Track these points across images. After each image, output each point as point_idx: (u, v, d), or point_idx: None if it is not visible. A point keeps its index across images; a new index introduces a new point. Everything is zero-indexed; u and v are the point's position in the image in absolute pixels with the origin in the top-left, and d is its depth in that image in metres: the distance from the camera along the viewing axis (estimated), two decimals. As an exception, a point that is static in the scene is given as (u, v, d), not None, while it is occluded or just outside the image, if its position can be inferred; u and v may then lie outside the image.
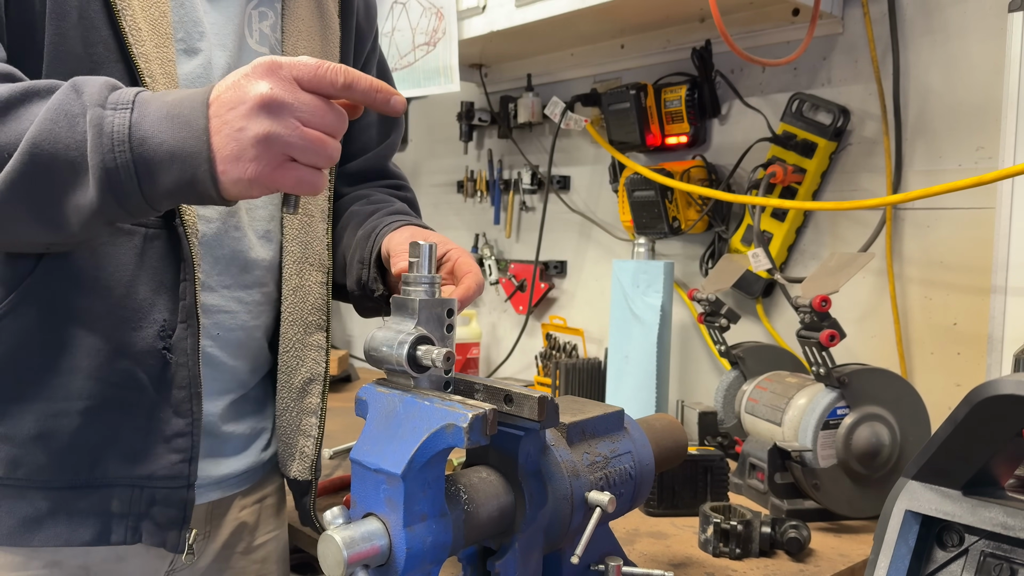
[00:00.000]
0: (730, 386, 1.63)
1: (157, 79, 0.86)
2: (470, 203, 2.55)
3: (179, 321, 0.90)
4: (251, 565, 1.10)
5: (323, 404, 1.07)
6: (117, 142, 0.70)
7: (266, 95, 0.68)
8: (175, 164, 0.70)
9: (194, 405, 0.91)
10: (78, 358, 0.85)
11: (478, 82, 2.38)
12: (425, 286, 0.76)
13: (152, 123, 0.70)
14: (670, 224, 1.85)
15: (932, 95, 1.57)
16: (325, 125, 0.71)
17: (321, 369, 1.07)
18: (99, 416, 0.87)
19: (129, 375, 0.88)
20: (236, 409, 1.04)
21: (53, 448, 0.85)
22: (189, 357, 0.90)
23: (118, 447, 0.88)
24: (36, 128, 0.70)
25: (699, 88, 1.86)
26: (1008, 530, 0.65)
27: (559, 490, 0.81)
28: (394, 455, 0.69)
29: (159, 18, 0.87)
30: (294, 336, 1.06)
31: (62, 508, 0.87)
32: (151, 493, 0.89)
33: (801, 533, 1.16)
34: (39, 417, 0.85)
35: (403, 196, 1.24)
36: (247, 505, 1.09)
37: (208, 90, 0.71)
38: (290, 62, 0.70)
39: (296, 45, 1.03)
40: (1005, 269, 1.32)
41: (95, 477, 0.87)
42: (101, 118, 0.70)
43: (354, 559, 0.66)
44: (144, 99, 0.72)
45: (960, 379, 1.53)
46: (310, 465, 1.06)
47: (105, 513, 0.88)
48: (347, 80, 0.71)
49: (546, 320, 2.30)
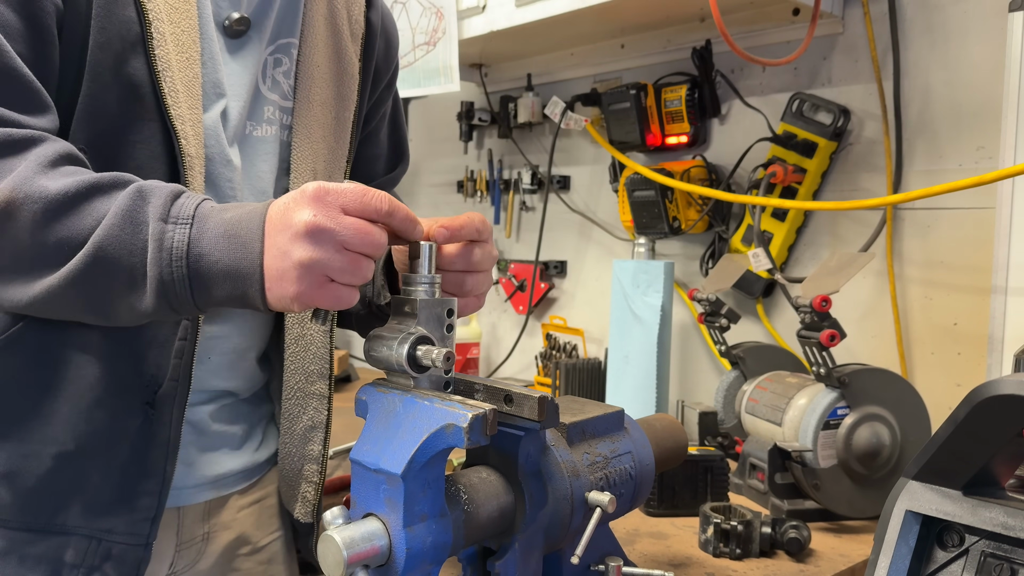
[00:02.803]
0: (730, 386, 1.63)
1: (189, 139, 0.88)
2: (470, 203, 2.54)
3: (169, 378, 0.89)
4: (257, 567, 1.10)
5: (325, 451, 1.07)
6: (176, 258, 0.74)
7: (311, 223, 0.71)
8: (228, 281, 0.75)
9: (167, 465, 0.90)
10: (59, 403, 0.85)
11: (478, 82, 2.38)
12: (425, 286, 0.76)
13: (209, 241, 0.75)
14: (670, 224, 1.85)
15: (932, 95, 1.57)
16: (365, 246, 0.73)
17: (323, 418, 1.07)
18: (70, 463, 0.86)
19: (107, 427, 0.87)
20: (228, 412, 1.04)
21: (18, 488, 0.85)
22: (172, 416, 0.90)
23: (83, 496, 0.87)
24: (104, 231, 0.74)
25: (699, 88, 1.86)
26: (1008, 530, 0.65)
27: (559, 490, 0.81)
28: (394, 455, 0.69)
29: (192, 80, 0.89)
30: (296, 385, 1.06)
31: (15, 550, 0.86)
32: (107, 547, 0.88)
33: (801, 533, 1.16)
34: (10, 456, 0.84)
35: None
36: (245, 506, 1.09)
37: (264, 212, 0.75)
38: (336, 189, 0.73)
39: (310, 91, 1.03)
40: (1005, 269, 1.31)
41: (54, 523, 0.86)
42: (163, 232, 0.74)
43: (354, 559, 0.66)
44: (203, 214, 0.76)
45: (960, 379, 1.53)
46: (312, 509, 1.07)
47: (58, 561, 0.87)
48: (390, 209, 0.75)
49: (546, 320, 2.30)
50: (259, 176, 1.01)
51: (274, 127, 1.02)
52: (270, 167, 1.02)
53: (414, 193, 2.73)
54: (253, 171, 1.01)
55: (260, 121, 1.01)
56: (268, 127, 1.01)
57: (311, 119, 1.03)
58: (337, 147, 1.08)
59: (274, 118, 1.02)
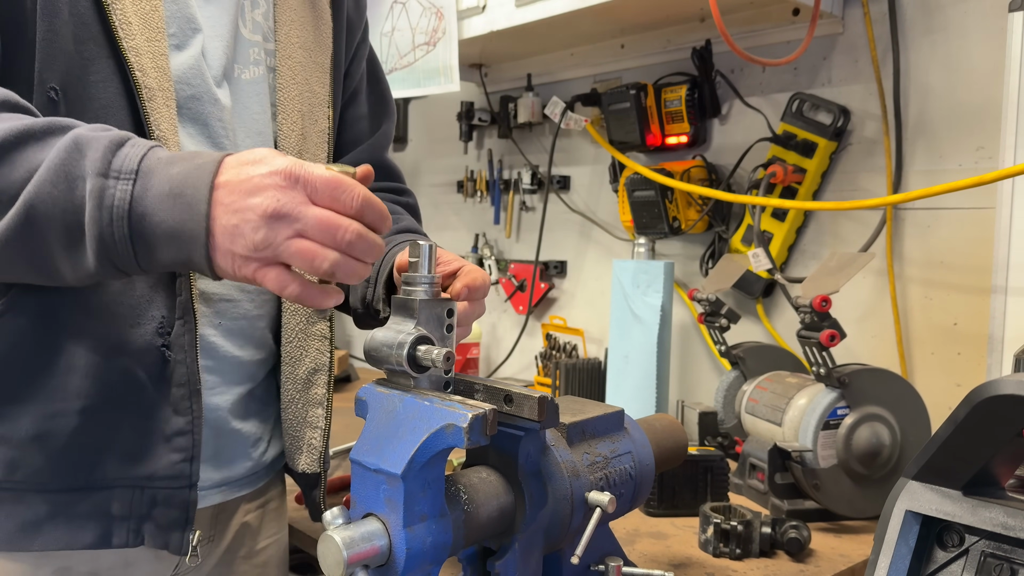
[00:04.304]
0: (730, 386, 1.63)
1: (148, 72, 0.86)
2: (470, 203, 2.54)
3: (176, 317, 0.89)
4: (253, 570, 1.10)
5: (329, 395, 1.06)
6: (116, 217, 0.70)
7: (271, 208, 0.68)
8: (173, 244, 0.71)
9: (193, 403, 0.90)
10: (75, 357, 0.85)
11: (478, 82, 2.38)
12: (425, 286, 0.76)
13: (153, 200, 0.70)
14: (670, 224, 1.85)
15: (932, 95, 1.57)
16: (327, 239, 0.70)
17: (325, 360, 1.06)
18: (97, 416, 0.86)
19: (127, 373, 0.87)
20: (244, 405, 1.03)
21: (51, 449, 0.84)
22: (187, 354, 0.89)
23: (117, 447, 0.87)
24: (35, 187, 0.70)
25: (699, 88, 1.86)
26: (1008, 530, 0.65)
27: (559, 490, 0.81)
28: (394, 455, 0.68)
29: (150, 12, 0.87)
30: (296, 326, 1.05)
31: (61, 511, 0.86)
32: (152, 494, 0.88)
33: (801, 533, 1.16)
34: (36, 418, 0.84)
35: (405, 202, 1.24)
36: (251, 510, 1.09)
37: (214, 170, 0.70)
38: (307, 177, 0.69)
39: (289, 35, 1.04)
40: (1005, 269, 1.31)
41: (95, 479, 0.86)
42: (103, 188, 0.69)
43: (354, 559, 0.66)
44: (148, 168, 0.71)
45: (960, 379, 1.53)
46: (318, 457, 1.05)
47: (106, 516, 0.87)
48: (362, 205, 0.71)
49: (546, 320, 2.30)
50: (253, 118, 1.01)
51: (260, 68, 1.02)
52: (262, 107, 1.02)
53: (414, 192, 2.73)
54: (246, 113, 1.00)
55: (247, 64, 1.00)
56: (255, 68, 1.01)
57: (294, 61, 1.04)
58: (320, 91, 1.08)
59: (260, 59, 1.02)
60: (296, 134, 1.05)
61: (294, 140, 1.05)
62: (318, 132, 1.08)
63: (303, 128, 1.06)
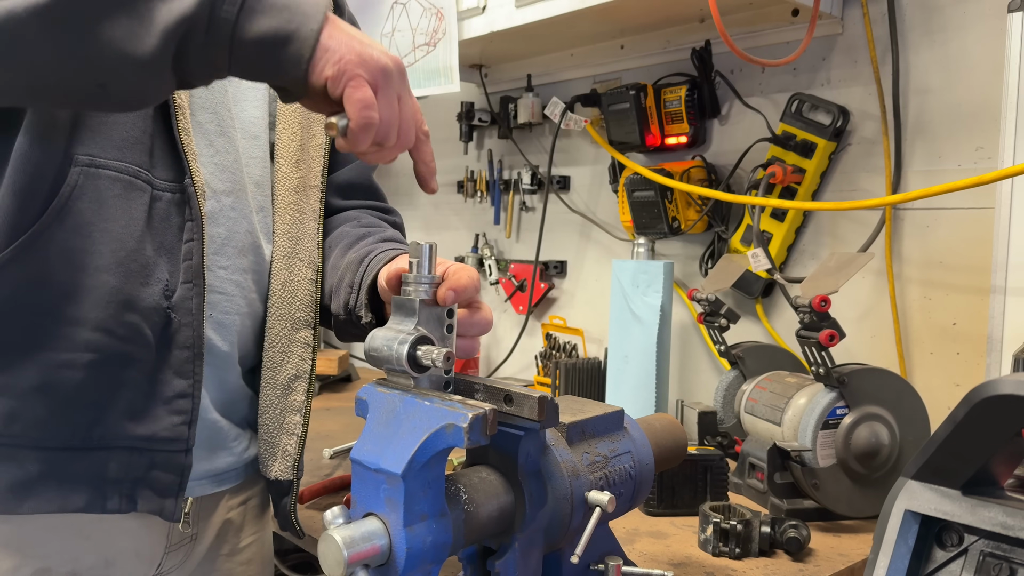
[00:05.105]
0: (730, 386, 1.64)
1: None
2: (470, 203, 2.55)
3: (182, 281, 0.89)
4: (236, 568, 1.10)
5: (308, 403, 1.05)
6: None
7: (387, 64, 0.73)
8: (284, 12, 0.68)
9: (196, 366, 0.90)
10: (85, 308, 0.83)
11: (478, 82, 2.38)
12: (425, 286, 0.76)
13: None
14: (670, 224, 1.85)
15: (932, 95, 1.57)
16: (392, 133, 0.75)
17: (307, 367, 1.06)
18: (102, 370, 0.85)
19: (134, 329, 0.86)
20: (226, 400, 1.03)
21: (54, 401, 0.83)
22: (194, 317, 0.89)
23: (119, 405, 0.86)
24: None
25: (699, 88, 1.86)
26: (1008, 530, 0.65)
27: (559, 490, 0.81)
28: (394, 455, 0.69)
29: None
30: (280, 331, 1.05)
31: (54, 472, 0.84)
32: (150, 456, 0.88)
33: (801, 533, 1.16)
34: (42, 367, 0.82)
35: (392, 221, 1.22)
36: (234, 507, 1.09)
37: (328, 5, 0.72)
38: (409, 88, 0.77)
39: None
40: (1005, 269, 1.32)
41: (92, 438, 0.85)
42: None
43: (354, 559, 0.66)
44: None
45: (959, 379, 1.53)
46: (292, 464, 1.04)
47: (100, 478, 0.86)
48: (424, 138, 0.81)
49: (546, 320, 2.30)
50: (252, 121, 1.05)
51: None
52: (261, 114, 1.07)
53: (414, 194, 2.73)
54: (244, 115, 1.04)
55: None
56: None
57: None
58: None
59: None
60: (295, 144, 1.06)
61: (292, 150, 1.06)
62: (315, 147, 1.09)
63: (301, 140, 1.07)
